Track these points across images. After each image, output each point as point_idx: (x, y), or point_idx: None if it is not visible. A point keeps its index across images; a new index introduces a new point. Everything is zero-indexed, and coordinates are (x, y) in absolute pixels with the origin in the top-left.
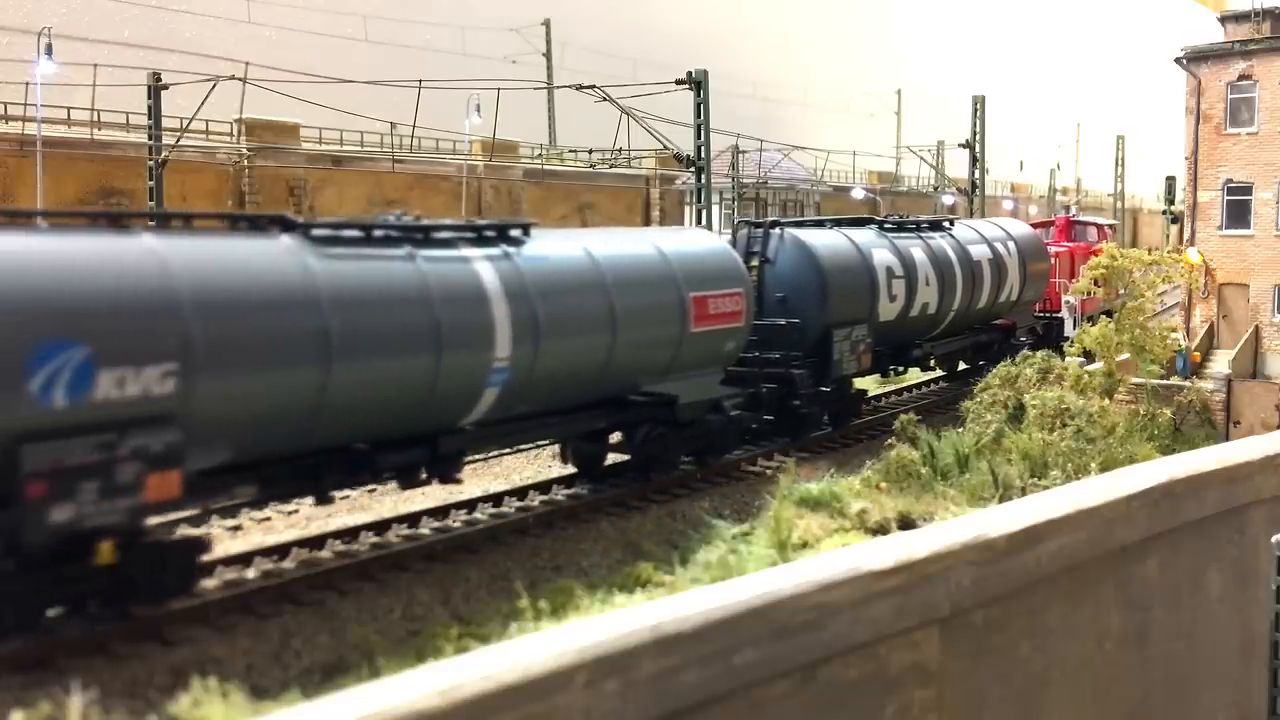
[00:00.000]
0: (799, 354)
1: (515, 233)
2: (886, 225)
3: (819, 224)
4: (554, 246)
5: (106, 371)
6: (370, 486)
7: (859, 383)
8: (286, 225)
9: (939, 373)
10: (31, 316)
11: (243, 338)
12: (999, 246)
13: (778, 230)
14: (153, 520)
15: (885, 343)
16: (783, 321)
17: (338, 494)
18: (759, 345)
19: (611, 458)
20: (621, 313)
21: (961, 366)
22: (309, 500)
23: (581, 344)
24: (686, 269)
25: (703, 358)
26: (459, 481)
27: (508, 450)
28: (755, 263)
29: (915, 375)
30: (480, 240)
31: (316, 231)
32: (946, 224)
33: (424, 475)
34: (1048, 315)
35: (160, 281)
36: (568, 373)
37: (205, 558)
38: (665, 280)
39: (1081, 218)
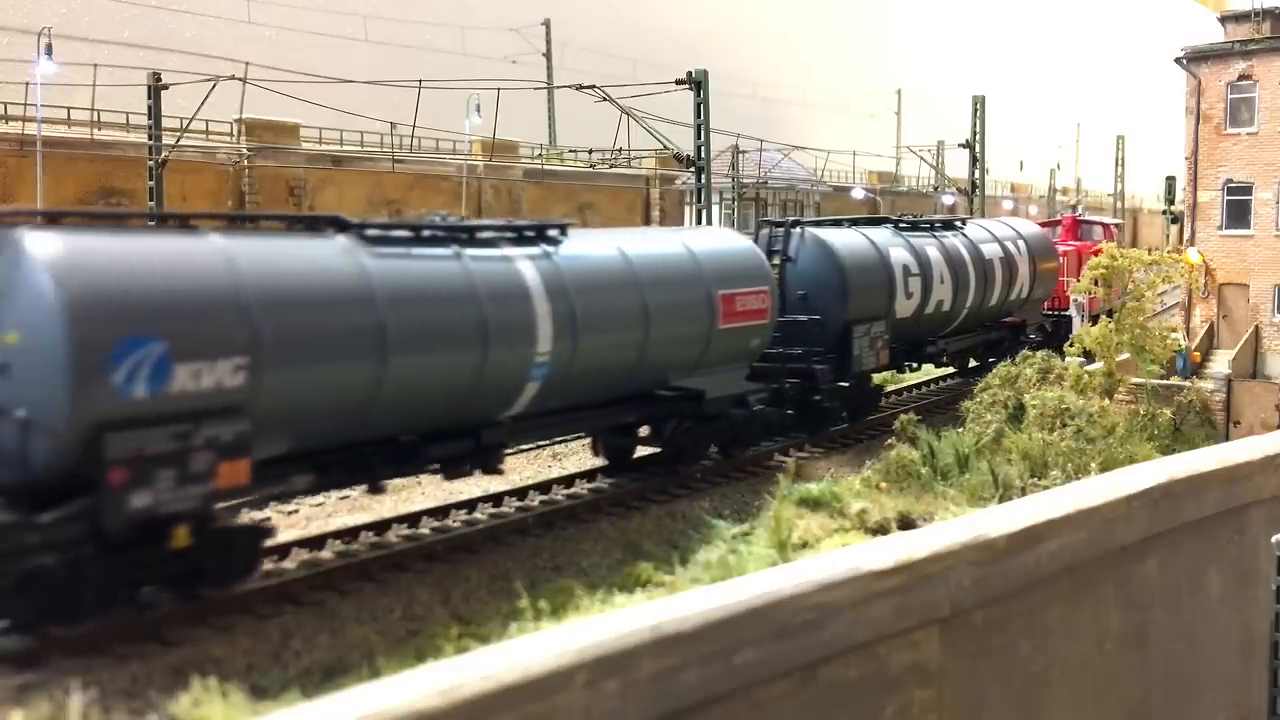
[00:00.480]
0: (820, 350)
1: (553, 232)
2: (902, 224)
3: (837, 223)
4: (589, 246)
5: (182, 365)
6: (413, 478)
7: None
8: (341, 226)
9: (944, 371)
10: (115, 313)
11: (305, 333)
12: (1010, 245)
13: (798, 229)
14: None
15: (901, 339)
16: (804, 318)
17: (332, 494)
18: (781, 341)
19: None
20: (654, 310)
21: (972, 363)
22: (309, 500)
23: (616, 340)
24: (715, 267)
25: (730, 353)
26: (500, 472)
27: (544, 443)
28: (777, 261)
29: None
30: (521, 240)
31: (370, 232)
32: (959, 223)
33: (467, 466)
34: (1056, 313)
35: (230, 280)
36: (603, 367)
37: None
38: (695, 278)
39: (1088, 217)
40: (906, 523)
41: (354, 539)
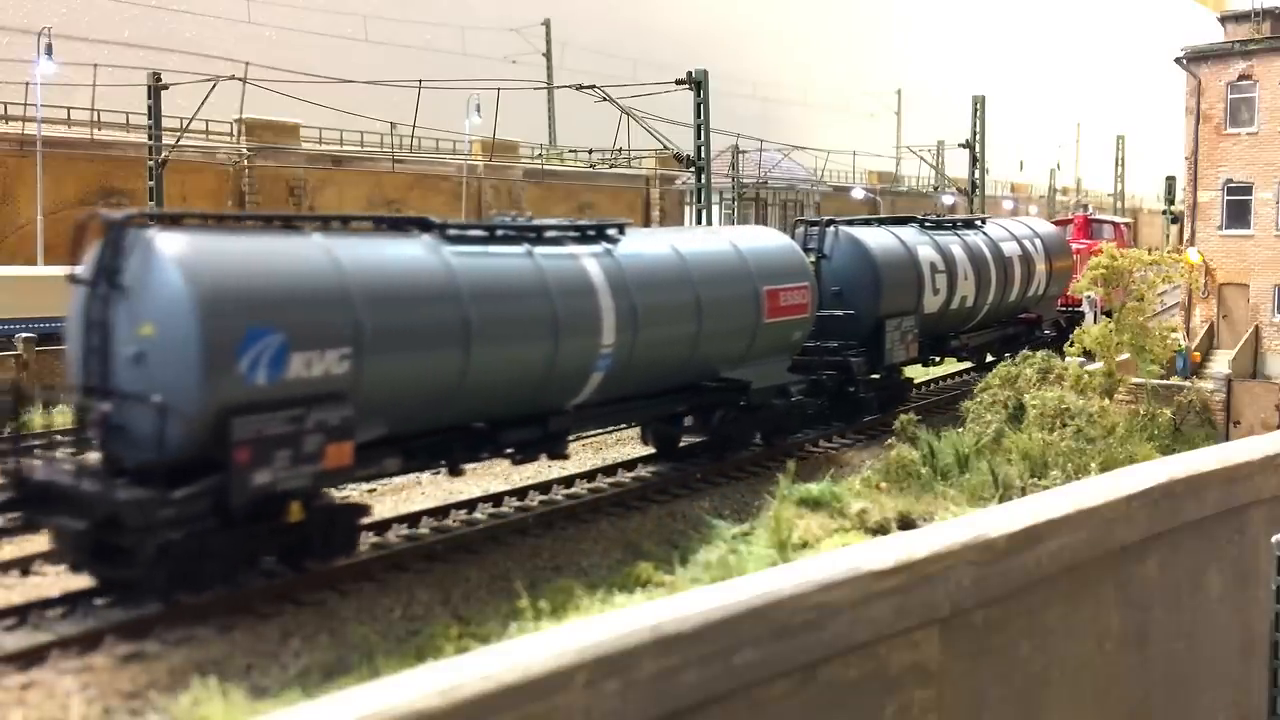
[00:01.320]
0: (854, 343)
1: (612, 231)
2: (927, 223)
3: (867, 222)
4: (645, 244)
5: (297, 355)
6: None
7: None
8: (425, 225)
9: (963, 365)
10: (240, 308)
11: (401, 326)
12: (1027, 244)
13: (833, 228)
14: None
15: (927, 334)
16: (840, 313)
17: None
18: (816, 335)
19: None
20: (705, 304)
21: (989, 359)
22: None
23: (672, 332)
24: (759, 264)
25: (773, 346)
26: (566, 457)
27: (601, 431)
28: (812, 259)
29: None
30: (584, 238)
31: (451, 231)
32: (979, 222)
33: (537, 452)
34: (1069, 309)
35: (336, 277)
36: (660, 358)
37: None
38: (742, 275)
39: (1098, 216)
40: (906, 523)
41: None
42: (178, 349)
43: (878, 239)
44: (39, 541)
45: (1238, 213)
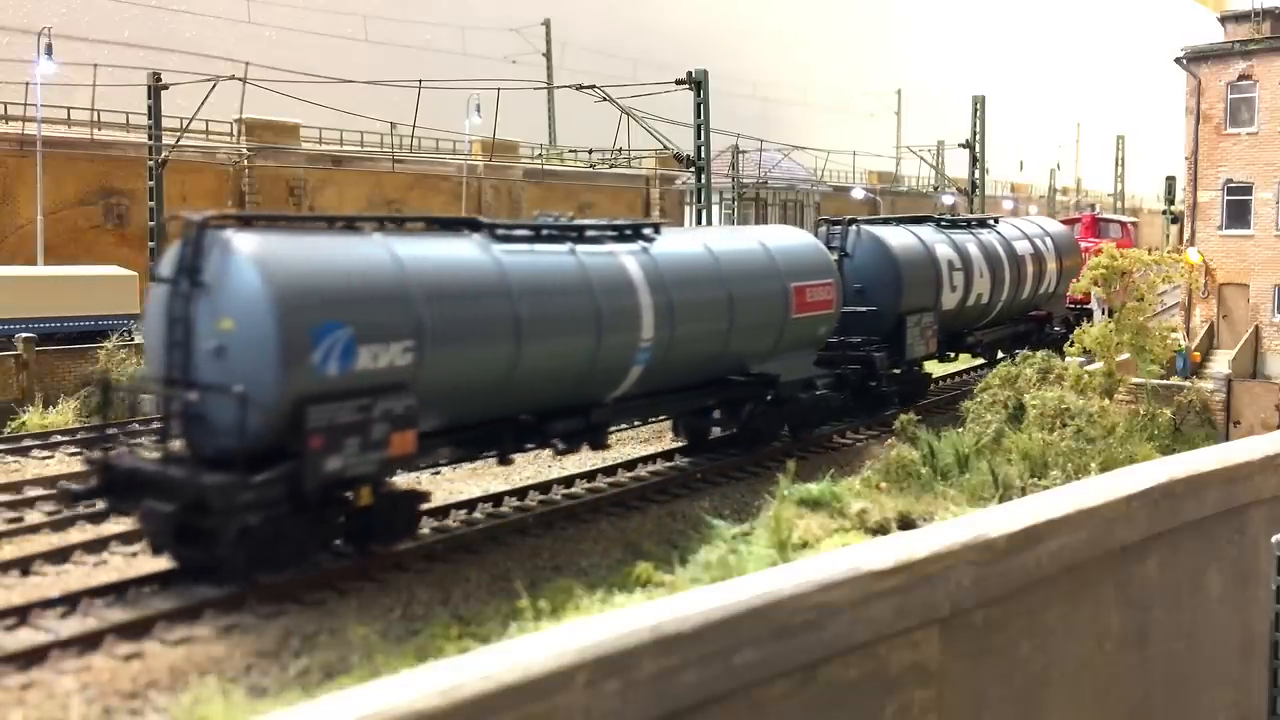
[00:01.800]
0: (876, 339)
1: (648, 231)
2: (943, 223)
3: (886, 221)
4: (680, 243)
5: (365, 347)
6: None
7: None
8: (474, 225)
9: (976, 361)
10: (313, 303)
11: (458, 320)
12: (1038, 242)
13: (854, 227)
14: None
15: (944, 330)
16: (863, 309)
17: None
18: (840, 330)
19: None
20: (737, 301)
21: (1000, 355)
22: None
23: (706, 328)
24: (787, 261)
25: (800, 341)
26: (607, 447)
27: (637, 423)
28: (835, 257)
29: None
30: (622, 237)
31: (499, 231)
32: (992, 221)
33: (580, 442)
34: (1079, 307)
35: (398, 274)
36: (695, 352)
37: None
38: (771, 272)
39: (1105, 215)
40: (906, 523)
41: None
42: (256, 342)
43: (898, 238)
44: (37, 542)
45: (1238, 213)
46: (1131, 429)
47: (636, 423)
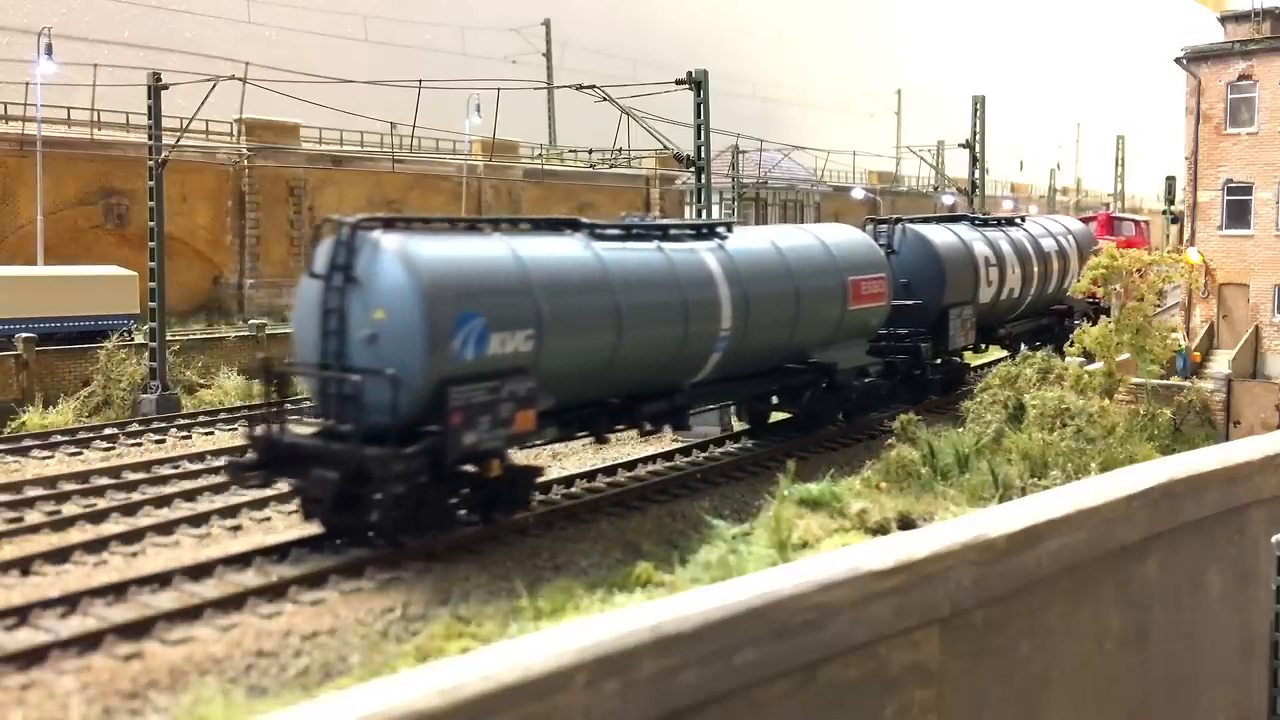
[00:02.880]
0: (921, 330)
1: (721, 230)
2: (976, 221)
3: (926, 220)
4: (750, 240)
5: (496, 335)
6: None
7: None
8: (575, 225)
9: (1002, 354)
10: (454, 296)
11: (571, 311)
12: (1062, 239)
13: (900, 225)
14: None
15: (980, 323)
16: (909, 303)
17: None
18: (887, 322)
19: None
20: (802, 293)
21: (1023, 348)
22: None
23: (776, 318)
24: (844, 256)
25: (855, 331)
26: (689, 428)
27: (711, 407)
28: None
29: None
30: (700, 235)
31: (597, 230)
32: (1019, 220)
33: (666, 424)
34: (1094, 301)
35: (520, 269)
36: (765, 341)
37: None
38: (831, 267)
39: (1119, 214)
40: (906, 523)
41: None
42: (405, 331)
43: (941, 235)
44: (38, 542)
45: (1238, 213)
46: (1131, 429)
47: (710, 407)
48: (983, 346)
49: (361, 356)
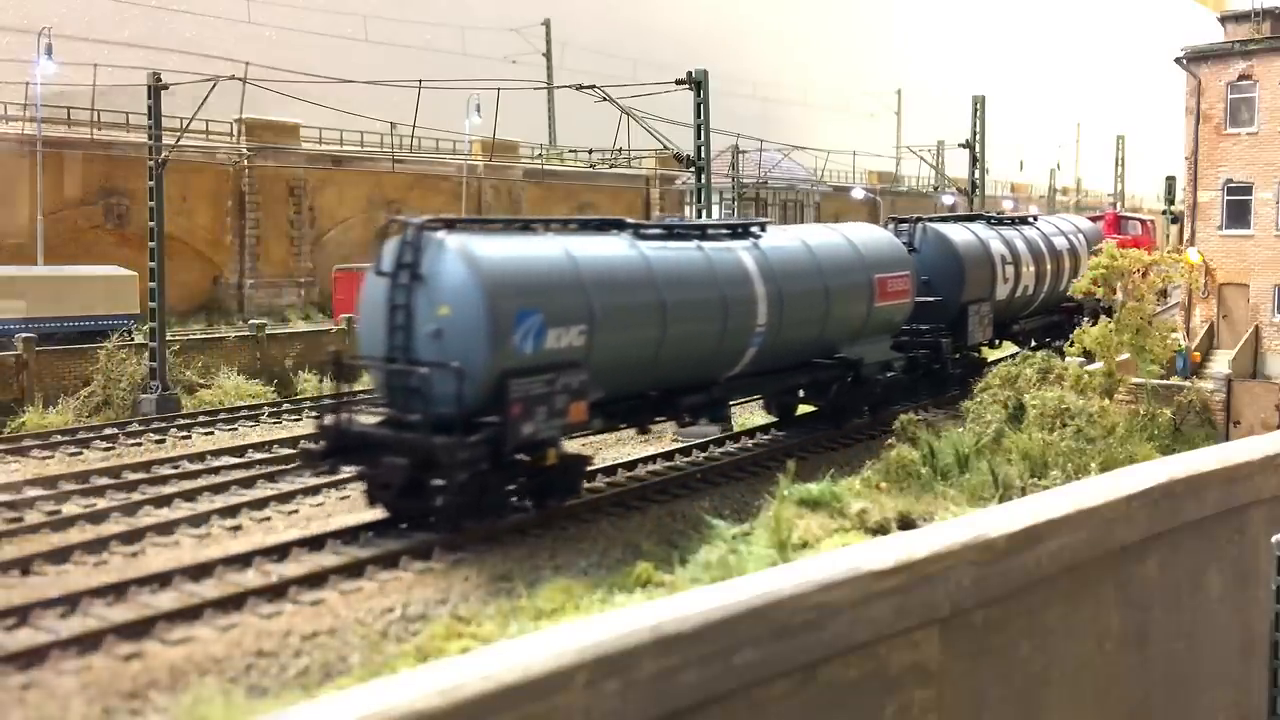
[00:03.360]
0: (942, 326)
1: (754, 229)
2: (992, 220)
3: (944, 219)
4: (782, 239)
5: (552, 330)
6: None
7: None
8: (620, 225)
9: (1013, 350)
10: (514, 293)
11: (620, 307)
12: (1072, 238)
13: (921, 224)
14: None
15: (996, 319)
16: (930, 299)
17: (331, 494)
18: (909, 318)
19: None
20: (832, 291)
21: (1033, 344)
22: (309, 500)
23: (808, 314)
24: (871, 255)
25: (881, 327)
26: (728, 420)
27: (743, 400)
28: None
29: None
30: (735, 234)
31: (641, 230)
32: (1032, 219)
33: (704, 416)
34: (1100, 299)
35: (573, 267)
36: (798, 337)
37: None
38: (858, 265)
39: (1126, 214)
40: (906, 523)
41: (354, 539)
42: (470, 326)
43: (960, 234)
44: (37, 542)
45: (1238, 213)
46: (1131, 429)
47: (743, 399)
48: (997, 342)
49: (427, 350)
